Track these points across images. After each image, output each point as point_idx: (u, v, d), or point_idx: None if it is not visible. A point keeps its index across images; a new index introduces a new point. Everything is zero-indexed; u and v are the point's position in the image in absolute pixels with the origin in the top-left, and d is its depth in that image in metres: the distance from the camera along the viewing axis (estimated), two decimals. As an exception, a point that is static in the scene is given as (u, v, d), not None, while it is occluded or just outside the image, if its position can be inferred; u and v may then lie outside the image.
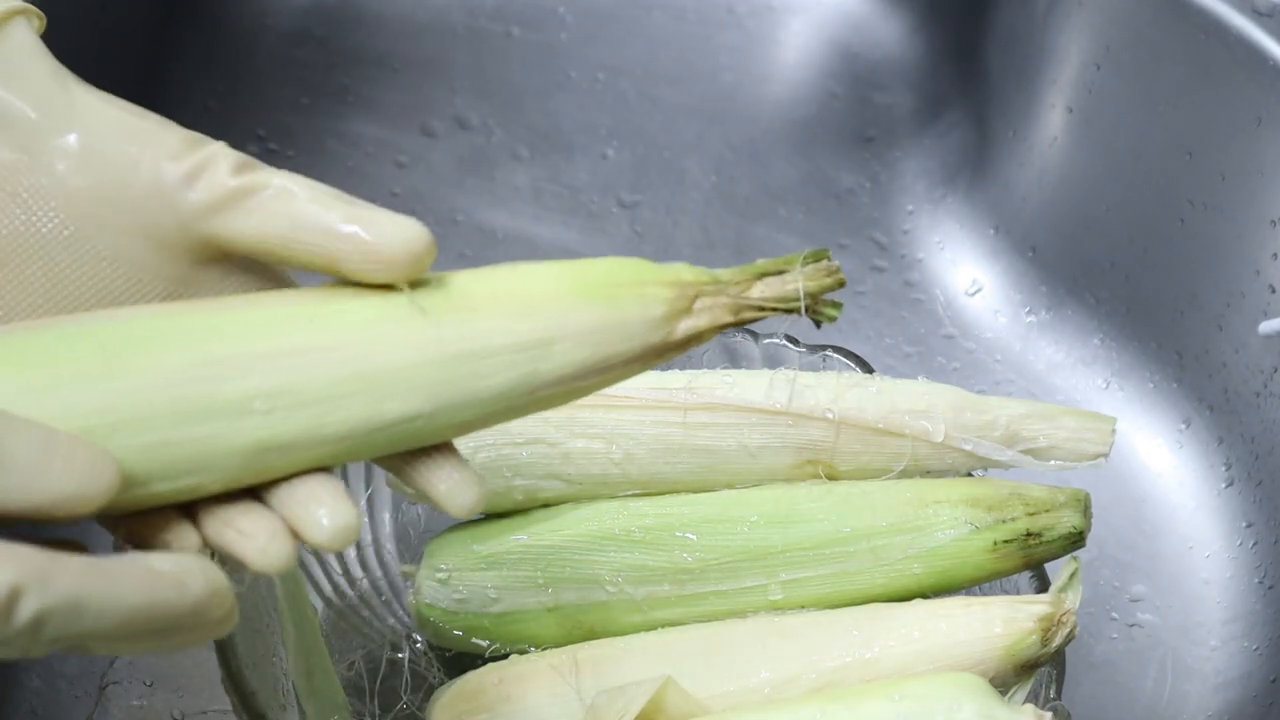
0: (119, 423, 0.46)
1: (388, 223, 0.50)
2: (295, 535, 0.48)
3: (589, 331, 0.51)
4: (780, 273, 0.54)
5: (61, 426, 0.45)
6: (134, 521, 0.48)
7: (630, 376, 0.53)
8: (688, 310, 0.53)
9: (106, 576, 0.43)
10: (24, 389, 0.46)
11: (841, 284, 0.55)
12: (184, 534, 0.48)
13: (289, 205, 0.51)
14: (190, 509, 0.49)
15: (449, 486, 0.51)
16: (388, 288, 0.50)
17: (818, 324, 0.55)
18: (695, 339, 0.53)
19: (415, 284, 0.51)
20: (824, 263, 0.55)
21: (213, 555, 0.49)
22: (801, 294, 0.54)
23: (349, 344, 0.49)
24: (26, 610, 0.42)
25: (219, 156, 0.51)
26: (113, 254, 0.52)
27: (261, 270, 0.54)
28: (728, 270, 0.54)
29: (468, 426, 0.51)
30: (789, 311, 0.54)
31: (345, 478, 0.73)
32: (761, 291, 0.54)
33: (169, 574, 0.45)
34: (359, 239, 0.50)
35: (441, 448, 0.52)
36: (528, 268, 0.52)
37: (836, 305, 0.55)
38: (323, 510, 0.48)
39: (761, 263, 0.55)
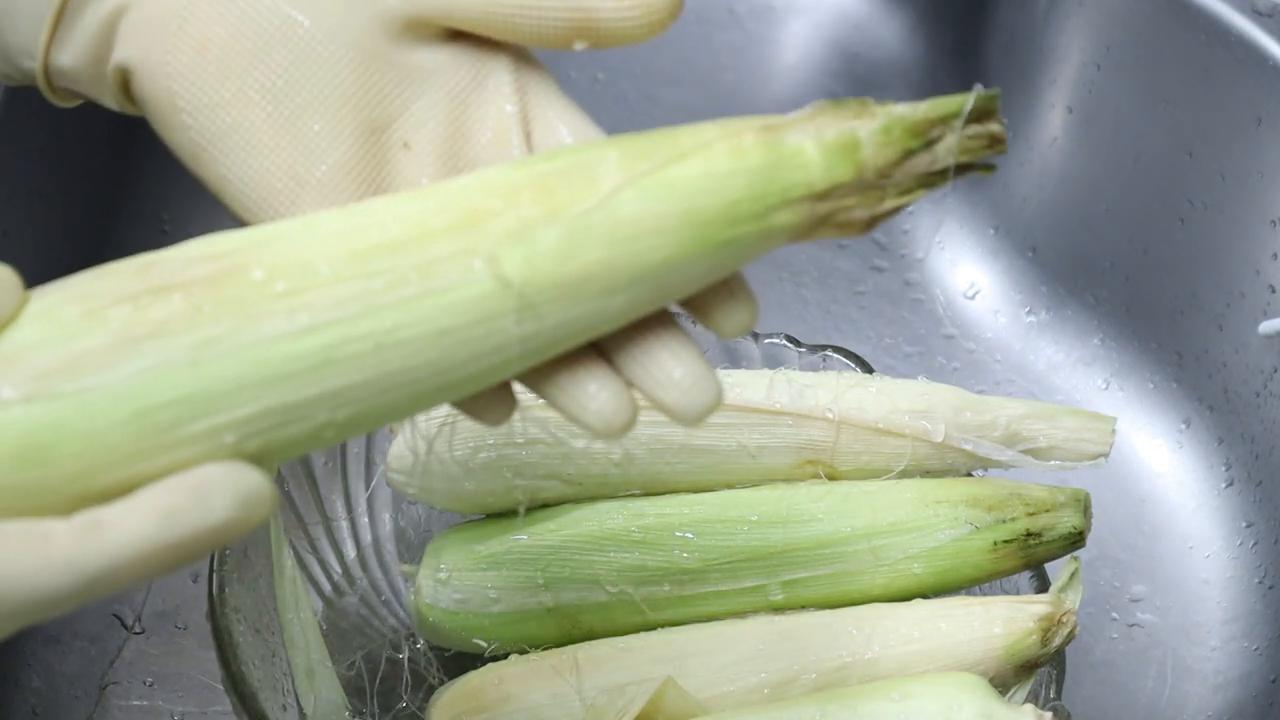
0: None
1: None
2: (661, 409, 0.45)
3: (698, 281, 0.46)
4: (929, 144, 0.46)
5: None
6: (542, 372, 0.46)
7: None
8: (812, 231, 0.46)
9: (102, 528, 0.40)
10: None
11: (1002, 147, 0.46)
12: (603, 379, 0.46)
13: None
14: (601, 348, 0.46)
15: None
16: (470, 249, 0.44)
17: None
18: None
19: (503, 247, 0.44)
20: (984, 127, 0.46)
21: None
22: (952, 172, 0.46)
23: (442, 363, 0.44)
24: None
25: None
26: (323, 33, 0.49)
27: (464, 43, 0.51)
28: (869, 145, 0.46)
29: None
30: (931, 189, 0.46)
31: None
32: (898, 189, 0.46)
33: (181, 498, 0.41)
34: None
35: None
36: (638, 219, 0.44)
37: (990, 167, 0.46)
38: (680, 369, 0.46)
39: (907, 125, 0.47)
